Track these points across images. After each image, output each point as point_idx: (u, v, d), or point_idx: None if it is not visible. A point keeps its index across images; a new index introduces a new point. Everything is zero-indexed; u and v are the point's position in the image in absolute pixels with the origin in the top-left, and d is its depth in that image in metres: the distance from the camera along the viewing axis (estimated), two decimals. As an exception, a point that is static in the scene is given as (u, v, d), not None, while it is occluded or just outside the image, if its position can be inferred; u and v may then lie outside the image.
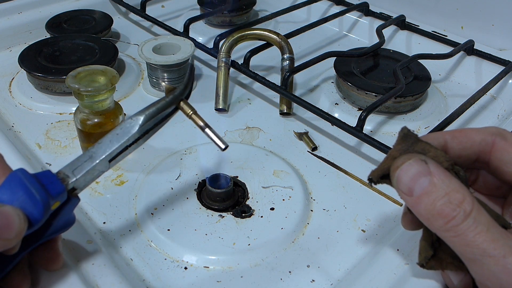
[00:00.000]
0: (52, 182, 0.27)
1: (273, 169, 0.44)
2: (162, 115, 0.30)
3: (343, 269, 0.36)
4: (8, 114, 0.52)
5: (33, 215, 0.25)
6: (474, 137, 0.28)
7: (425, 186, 0.25)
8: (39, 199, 0.25)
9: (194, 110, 0.31)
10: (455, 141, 0.28)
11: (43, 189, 0.26)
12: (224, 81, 0.54)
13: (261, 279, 0.35)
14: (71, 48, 0.58)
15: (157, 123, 0.31)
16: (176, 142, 0.48)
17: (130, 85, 0.57)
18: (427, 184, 0.25)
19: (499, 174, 0.28)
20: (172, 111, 0.31)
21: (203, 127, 0.31)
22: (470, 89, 0.58)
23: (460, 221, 0.24)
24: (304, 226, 0.39)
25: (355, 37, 0.71)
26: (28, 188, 0.26)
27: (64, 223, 0.29)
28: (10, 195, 0.25)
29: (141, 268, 0.36)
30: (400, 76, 0.51)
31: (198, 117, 0.31)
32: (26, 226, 0.25)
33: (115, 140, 0.29)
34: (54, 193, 0.27)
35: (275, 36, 0.56)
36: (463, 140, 0.28)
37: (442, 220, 0.24)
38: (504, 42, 0.62)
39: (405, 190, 0.25)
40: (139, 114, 0.30)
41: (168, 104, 0.30)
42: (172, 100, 0.30)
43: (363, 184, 0.44)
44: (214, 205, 0.40)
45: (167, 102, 0.30)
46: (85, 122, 0.43)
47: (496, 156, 0.28)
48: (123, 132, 0.29)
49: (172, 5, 0.79)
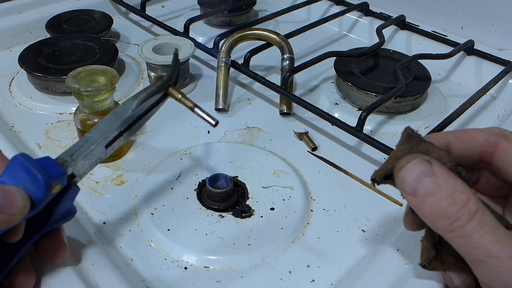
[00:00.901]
0: (53, 166, 0.27)
1: (273, 169, 0.44)
2: (153, 100, 0.32)
3: (343, 269, 0.36)
4: (8, 114, 0.52)
5: (35, 195, 0.26)
6: (477, 137, 0.28)
7: (429, 187, 0.25)
8: (41, 178, 0.26)
9: (182, 93, 0.32)
10: (458, 141, 0.28)
11: (44, 170, 0.27)
12: (224, 81, 0.54)
13: (261, 279, 0.35)
14: (71, 48, 0.58)
15: (149, 108, 0.32)
16: (176, 142, 0.48)
17: (130, 85, 0.57)
18: (431, 184, 0.25)
19: (501, 175, 0.28)
20: (162, 97, 0.33)
21: (192, 107, 0.32)
22: (470, 89, 0.58)
23: (465, 221, 0.24)
24: (304, 226, 0.39)
25: (355, 37, 0.71)
26: (30, 169, 0.26)
27: (66, 212, 0.30)
28: (12, 177, 0.26)
29: (141, 268, 0.36)
30: (400, 76, 0.51)
31: (187, 99, 0.32)
32: (29, 204, 0.25)
33: (109, 125, 0.30)
34: (55, 175, 0.27)
35: (275, 36, 0.56)
36: (466, 141, 0.28)
37: (447, 220, 0.24)
38: (504, 42, 0.62)
39: (409, 190, 0.25)
40: (131, 99, 0.31)
41: (157, 89, 0.32)
42: (161, 85, 0.32)
43: (363, 184, 0.44)
44: (214, 205, 0.40)
45: (156, 88, 0.32)
46: (85, 122, 0.43)
47: (498, 157, 0.28)
48: (117, 116, 0.31)
49: (172, 5, 0.79)
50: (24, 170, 0.26)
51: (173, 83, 0.33)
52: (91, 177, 0.44)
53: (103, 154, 0.30)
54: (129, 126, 0.31)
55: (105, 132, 0.30)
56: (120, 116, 0.31)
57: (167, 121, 0.50)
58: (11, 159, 0.27)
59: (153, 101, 0.32)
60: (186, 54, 0.53)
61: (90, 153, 0.29)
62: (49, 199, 0.27)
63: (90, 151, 0.29)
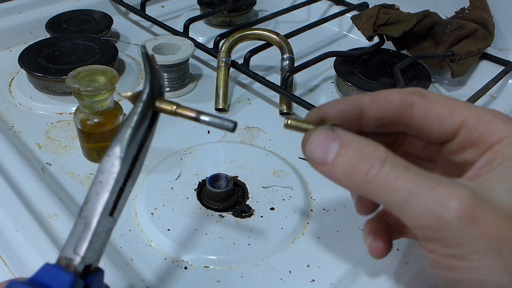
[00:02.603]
0: (55, 276, 0.22)
1: (273, 169, 0.44)
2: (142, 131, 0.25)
3: (343, 269, 0.36)
4: (8, 114, 0.52)
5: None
6: (393, 98, 0.27)
7: (336, 150, 0.25)
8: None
9: (176, 104, 0.25)
10: (374, 103, 0.27)
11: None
12: (224, 81, 0.54)
13: (261, 279, 0.35)
14: (71, 48, 0.58)
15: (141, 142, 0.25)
16: (176, 142, 0.48)
17: (130, 85, 0.57)
18: (337, 147, 0.25)
19: (424, 134, 0.28)
20: (152, 118, 0.25)
21: (197, 117, 0.25)
22: (470, 89, 0.58)
23: (378, 168, 0.23)
24: (304, 226, 0.39)
25: (355, 37, 0.71)
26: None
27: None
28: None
29: (141, 268, 0.36)
30: (400, 76, 0.51)
31: (185, 109, 0.25)
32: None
33: (101, 191, 0.24)
34: (64, 286, 0.22)
35: (275, 36, 0.56)
36: (382, 102, 0.27)
37: (360, 174, 0.24)
38: (504, 42, 0.62)
39: (319, 160, 0.25)
40: (114, 146, 0.24)
41: (142, 114, 0.24)
42: (144, 107, 0.24)
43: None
44: (214, 205, 0.40)
45: (140, 113, 0.24)
46: (85, 122, 0.43)
47: (418, 115, 0.27)
48: (105, 176, 0.24)
49: (172, 5, 0.79)
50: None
51: (158, 94, 0.25)
52: (91, 177, 0.44)
53: (112, 223, 0.24)
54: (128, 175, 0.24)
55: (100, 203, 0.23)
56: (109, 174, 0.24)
57: (167, 121, 0.50)
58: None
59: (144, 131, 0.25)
60: (186, 54, 0.53)
61: (95, 235, 0.23)
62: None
63: (94, 233, 0.23)
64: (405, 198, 0.23)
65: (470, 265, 0.22)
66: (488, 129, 0.25)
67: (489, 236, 0.21)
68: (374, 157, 0.24)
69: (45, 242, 0.34)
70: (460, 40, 0.57)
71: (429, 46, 0.59)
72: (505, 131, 0.25)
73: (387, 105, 0.27)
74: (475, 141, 0.25)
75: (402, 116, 0.27)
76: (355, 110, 0.27)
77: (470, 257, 0.22)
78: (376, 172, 0.23)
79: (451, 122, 0.26)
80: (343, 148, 0.25)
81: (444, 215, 0.22)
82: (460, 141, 0.26)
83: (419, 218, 0.22)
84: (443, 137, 0.27)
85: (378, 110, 0.27)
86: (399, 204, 0.23)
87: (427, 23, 0.57)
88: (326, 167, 0.25)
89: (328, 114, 0.27)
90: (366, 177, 0.24)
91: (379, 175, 0.23)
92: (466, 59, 0.55)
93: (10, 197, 0.37)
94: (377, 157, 0.24)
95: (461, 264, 0.22)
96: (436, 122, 0.26)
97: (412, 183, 0.23)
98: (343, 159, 0.24)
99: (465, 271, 0.22)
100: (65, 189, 0.43)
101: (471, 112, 0.26)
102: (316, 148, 0.25)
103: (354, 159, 0.24)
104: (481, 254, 0.22)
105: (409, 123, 0.27)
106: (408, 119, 0.27)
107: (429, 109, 0.27)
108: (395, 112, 0.27)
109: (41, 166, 0.45)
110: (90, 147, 0.45)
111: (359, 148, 0.24)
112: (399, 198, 0.23)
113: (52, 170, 0.45)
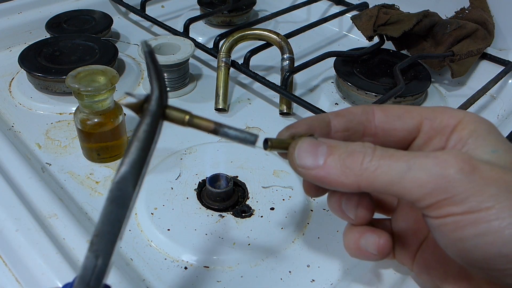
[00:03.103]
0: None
1: (273, 169, 0.44)
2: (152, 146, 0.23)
3: (343, 269, 0.36)
4: (8, 114, 0.52)
5: None
6: (355, 109, 0.29)
7: (325, 151, 0.26)
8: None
9: (189, 113, 0.23)
10: (339, 116, 0.29)
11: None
12: (224, 81, 0.54)
13: (261, 279, 0.35)
14: (71, 48, 0.58)
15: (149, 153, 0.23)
16: (176, 142, 0.48)
17: (130, 85, 0.57)
18: (326, 149, 0.26)
19: (390, 136, 0.29)
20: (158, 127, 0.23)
21: (216, 130, 0.23)
22: (470, 89, 0.58)
23: (371, 152, 0.25)
24: (304, 226, 0.39)
25: (355, 37, 0.71)
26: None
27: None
28: None
29: (141, 268, 0.36)
30: (400, 76, 0.51)
31: (200, 120, 0.23)
32: None
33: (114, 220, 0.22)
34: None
35: (275, 36, 0.56)
36: (346, 113, 0.29)
37: (356, 164, 0.25)
38: (504, 42, 0.62)
39: (310, 164, 0.26)
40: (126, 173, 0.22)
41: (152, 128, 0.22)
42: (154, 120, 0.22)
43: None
44: (214, 205, 0.40)
45: (150, 126, 0.22)
46: (85, 122, 0.43)
47: (380, 120, 0.28)
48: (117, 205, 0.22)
49: (172, 5, 0.79)
50: None
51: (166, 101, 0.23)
52: (91, 177, 0.44)
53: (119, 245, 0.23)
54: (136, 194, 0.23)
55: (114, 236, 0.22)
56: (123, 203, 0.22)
57: (167, 121, 0.50)
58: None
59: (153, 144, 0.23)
60: (186, 54, 0.53)
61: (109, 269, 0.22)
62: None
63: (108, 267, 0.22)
64: (405, 171, 0.23)
65: (489, 213, 0.22)
66: (445, 116, 0.27)
67: (494, 182, 0.22)
68: (364, 147, 0.25)
69: (45, 242, 0.34)
70: (460, 40, 0.57)
71: (429, 46, 0.59)
72: (459, 113, 0.27)
73: (350, 115, 0.29)
74: (438, 128, 0.27)
75: (366, 124, 0.29)
76: (323, 124, 0.28)
77: (485, 205, 0.22)
78: (371, 158, 0.24)
79: (411, 118, 0.28)
80: (332, 148, 0.26)
81: (446, 172, 0.23)
82: (424, 134, 0.28)
83: (424, 184, 0.23)
84: (407, 135, 0.28)
85: (344, 121, 0.29)
86: (400, 179, 0.24)
87: (427, 23, 0.57)
88: (319, 169, 0.25)
89: (299, 130, 0.28)
90: (363, 165, 0.24)
91: (374, 160, 0.24)
92: (466, 59, 0.56)
93: (10, 197, 0.37)
94: (368, 147, 0.25)
95: (480, 216, 0.22)
96: (397, 121, 0.28)
97: (407, 156, 0.24)
98: (335, 156, 0.25)
99: (486, 221, 0.22)
100: (65, 189, 0.43)
101: (425, 108, 0.28)
102: (305, 154, 0.26)
103: (346, 153, 0.25)
104: (494, 200, 0.22)
105: (374, 131, 0.29)
106: (373, 128, 0.29)
107: (388, 111, 0.29)
108: (359, 121, 0.29)
109: (41, 166, 0.45)
110: (90, 147, 0.45)
111: (348, 145, 0.26)
112: (399, 172, 0.24)
113: (52, 170, 0.45)
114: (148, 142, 0.22)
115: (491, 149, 0.25)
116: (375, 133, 0.29)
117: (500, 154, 0.25)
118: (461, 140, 0.26)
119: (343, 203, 0.28)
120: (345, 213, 0.28)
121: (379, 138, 0.29)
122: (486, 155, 0.25)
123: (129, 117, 0.47)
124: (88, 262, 0.22)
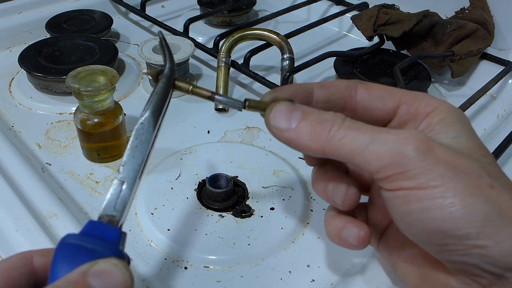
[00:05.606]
0: (105, 230, 0.24)
1: (273, 169, 0.44)
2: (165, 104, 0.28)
3: (343, 269, 0.36)
4: (8, 114, 0.52)
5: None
6: (339, 83, 0.30)
7: (299, 116, 0.27)
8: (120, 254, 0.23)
9: (192, 84, 0.29)
10: (322, 87, 0.30)
11: (106, 243, 0.23)
12: (224, 81, 0.54)
13: (261, 279, 0.35)
14: (71, 48, 0.58)
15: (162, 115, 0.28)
16: (176, 142, 0.48)
17: (130, 85, 0.57)
18: (300, 114, 0.27)
19: (367, 114, 0.30)
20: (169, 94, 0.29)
21: (212, 97, 0.28)
22: (470, 89, 0.58)
23: (340, 122, 0.26)
24: (304, 226, 0.39)
25: (355, 37, 0.71)
26: (94, 250, 0.23)
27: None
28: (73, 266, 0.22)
29: (141, 268, 0.36)
30: (400, 76, 0.51)
31: (200, 89, 0.29)
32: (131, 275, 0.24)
33: (138, 153, 0.26)
34: (115, 240, 0.24)
35: (275, 36, 0.56)
36: (330, 86, 0.30)
37: (324, 131, 0.26)
38: (504, 42, 0.62)
39: (283, 126, 0.27)
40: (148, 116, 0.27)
41: (166, 89, 0.28)
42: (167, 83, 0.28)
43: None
44: (214, 205, 0.40)
45: (165, 88, 0.28)
46: (85, 122, 0.43)
47: (361, 97, 0.30)
48: (141, 141, 0.26)
49: (172, 5, 0.79)
50: (86, 253, 0.23)
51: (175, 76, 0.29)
52: (91, 177, 0.44)
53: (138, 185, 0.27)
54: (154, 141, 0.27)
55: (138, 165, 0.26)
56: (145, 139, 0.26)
57: (167, 121, 0.50)
58: (58, 248, 0.23)
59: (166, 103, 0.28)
60: (186, 54, 0.53)
61: (132, 194, 0.26)
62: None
63: (132, 193, 0.26)
64: (367, 143, 0.25)
65: (435, 191, 0.24)
66: (422, 102, 0.28)
67: (444, 163, 0.24)
68: (335, 116, 0.27)
69: (45, 242, 0.34)
70: (460, 40, 0.57)
71: (429, 46, 0.59)
72: (436, 102, 0.28)
73: (334, 89, 0.30)
74: (413, 113, 0.28)
75: (347, 99, 0.30)
76: (305, 93, 0.29)
77: (433, 183, 0.24)
78: (339, 127, 0.26)
79: (392, 100, 0.29)
80: (306, 114, 0.27)
81: (403, 149, 0.24)
82: (400, 117, 0.29)
83: (383, 157, 0.25)
84: (385, 116, 0.29)
85: (326, 93, 0.30)
86: (362, 150, 0.25)
87: (427, 23, 0.57)
88: (291, 132, 0.27)
89: (281, 95, 0.29)
90: (330, 133, 0.26)
91: (341, 129, 0.26)
92: (466, 59, 0.56)
93: (10, 197, 0.37)
94: (338, 117, 0.27)
95: (426, 192, 0.24)
96: (378, 101, 0.29)
97: (372, 131, 0.25)
98: (307, 122, 0.27)
99: (431, 198, 0.24)
100: (65, 189, 0.43)
101: (407, 93, 0.29)
102: (280, 116, 0.27)
103: (317, 120, 0.27)
104: (441, 180, 0.24)
105: (354, 107, 0.30)
106: (353, 103, 0.30)
107: (371, 91, 0.30)
108: (341, 95, 0.30)
109: (41, 166, 0.45)
110: (90, 147, 0.45)
111: (320, 113, 0.27)
112: (362, 144, 0.25)
113: (52, 170, 0.45)
114: (165, 96, 0.28)
115: (453, 135, 0.26)
116: (354, 109, 0.30)
117: (461, 140, 0.26)
118: (430, 125, 0.27)
119: (331, 189, 0.30)
120: (330, 197, 0.30)
121: (358, 114, 0.30)
122: (447, 139, 0.26)
123: (129, 117, 0.47)
124: (114, 188, 0.25)
